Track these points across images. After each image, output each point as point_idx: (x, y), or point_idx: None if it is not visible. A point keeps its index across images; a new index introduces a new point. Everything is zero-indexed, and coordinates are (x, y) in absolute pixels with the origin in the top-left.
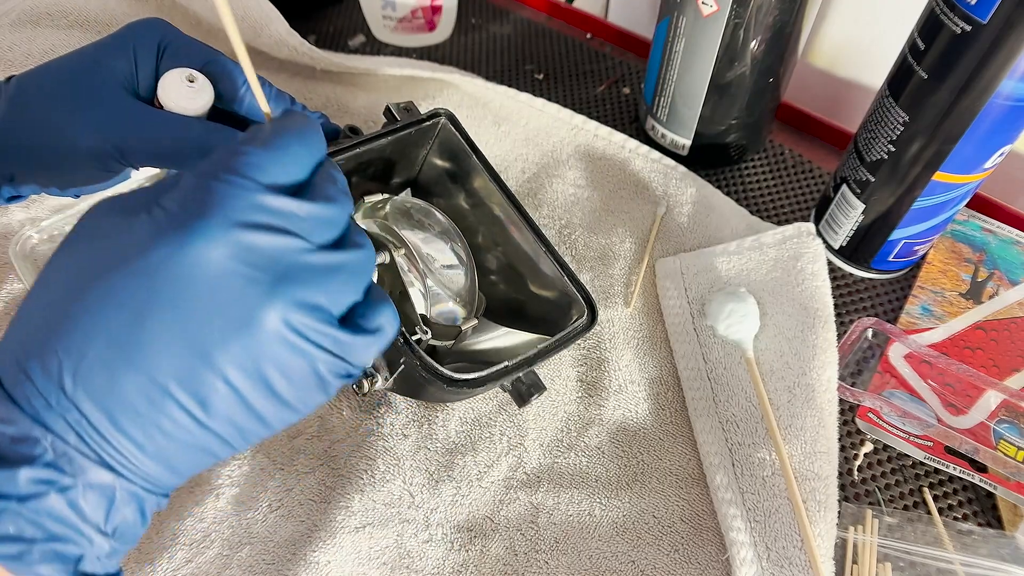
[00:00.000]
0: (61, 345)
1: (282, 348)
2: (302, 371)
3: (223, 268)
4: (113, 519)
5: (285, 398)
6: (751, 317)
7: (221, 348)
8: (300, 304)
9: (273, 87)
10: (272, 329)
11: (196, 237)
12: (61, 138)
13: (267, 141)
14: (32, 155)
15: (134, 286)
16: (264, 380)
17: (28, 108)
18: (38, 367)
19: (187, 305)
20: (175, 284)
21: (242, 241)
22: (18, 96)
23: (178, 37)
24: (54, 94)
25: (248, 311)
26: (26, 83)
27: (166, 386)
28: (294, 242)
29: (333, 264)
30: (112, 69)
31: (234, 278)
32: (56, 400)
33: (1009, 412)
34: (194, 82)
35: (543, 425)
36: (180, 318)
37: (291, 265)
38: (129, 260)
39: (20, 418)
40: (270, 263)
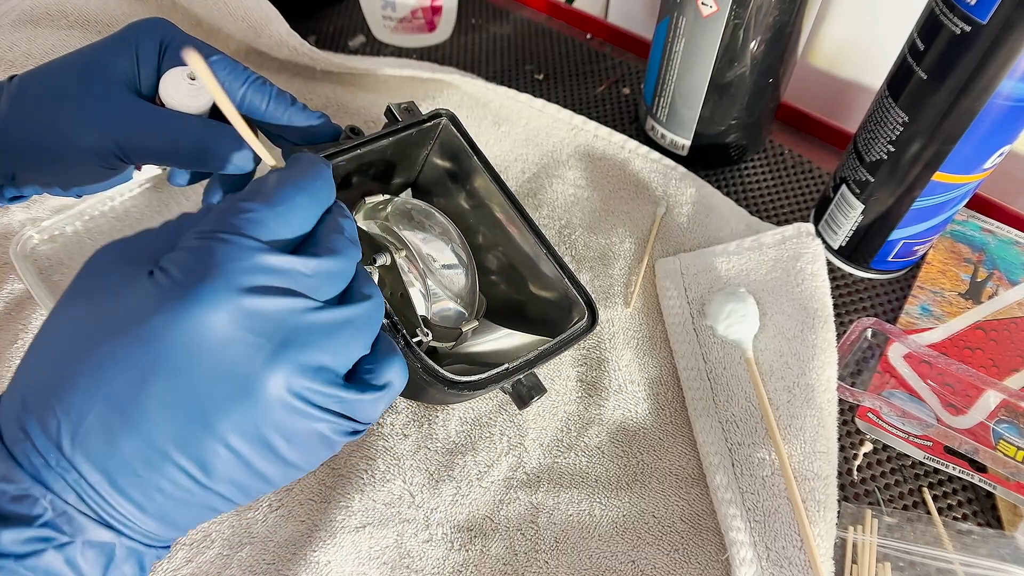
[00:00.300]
0: (61, 405)
1: (285, 414)
2: (306, 434)
3: (224, 335)
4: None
5: (288, 459)
6: (751, 317)
7: (222, 415)
8: (303, 368)
9: (274, 86)
10: (275, 396)
11: (197, 305)
12: (63, 136)
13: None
14: (34, 153)
15: (136, 351)
16: (267, 444)
17: (30, 106)
18: (37, 426)
19: (188, 371)
20: (176, 351)
21: (244, 307)
22: (20, 95)
23: (179, 36)
24: (56, 92)
25: (250, 379)
26: (28, 82)
27: (165, 450)
28: (298, 303)
29: (339, 321)
30: (114, 68)
31: (236, 345)
32: (55, 460)
33: (1008, 412)
34: (195, 80)
35: (543, 425)
36: (181, 384)
37: (294, 328)
38: (131, 325)
39: (20, 476)
40: (273, 328)
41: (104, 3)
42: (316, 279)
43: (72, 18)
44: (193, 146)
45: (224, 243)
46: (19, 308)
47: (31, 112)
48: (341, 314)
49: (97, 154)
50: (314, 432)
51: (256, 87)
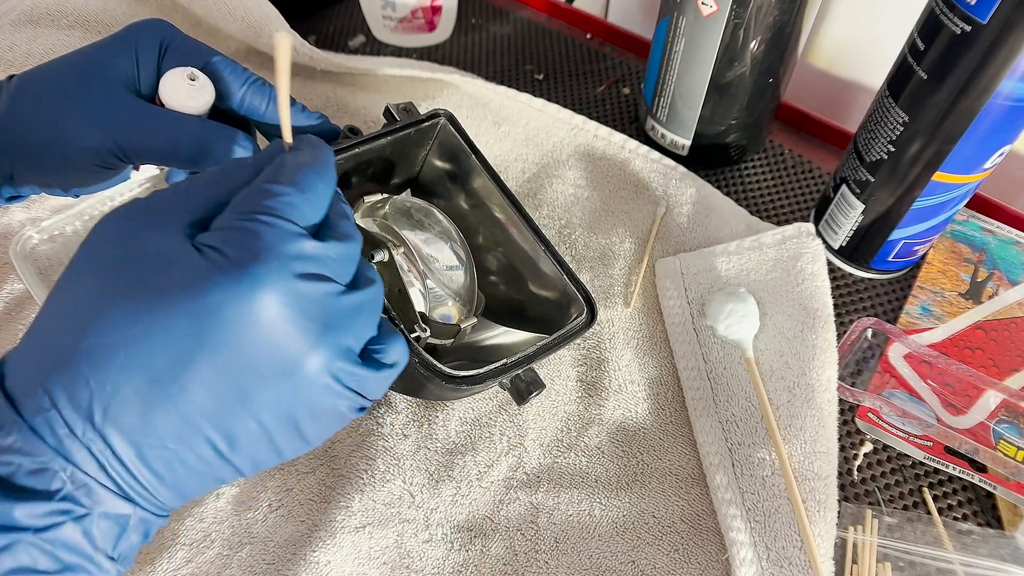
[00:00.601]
0: (95, 375)
1: (318, 392)
2: (328, 410)
3: (277, 316)
4: (122, 545)
5: (306, 434)
6: (751, 317)
7: (262, 393)
8: (340, 349)
9: (273, 87)
10: (314, 376)
11: (254, 284)
12: (62, 136)
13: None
14: (33, 153)
15: (184, 325)
16: (293, 420)
17: (30, 106)
18: (64, 395)
19: (236, 350)
20: (228, 328)
21: (295, 289)
22: (20, 94)
23: (179, 37)
24: (56, 92)
25: (295, 359)
26: (28, 81)
27: (199, 425)
28: (332, 287)
29: (358, 304)
30: (114, 68)
31: (286, 326)
32: (83, 432)
33: (1009, 412)
34: (195, 81)
35: (543, 425)
36: (227, 362)
37: (332, 311)
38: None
39: (40, 449)
40: (317, 311)
41: (104, 3)
42: (339, 264)
43: (72, 18)
44: (193, 146)
45: (270, 226)
46: (19, 308)
47: (30, 112)
48: (359, 297)
49: (96, 154)
50: (335, 409)
51: (256, 88)
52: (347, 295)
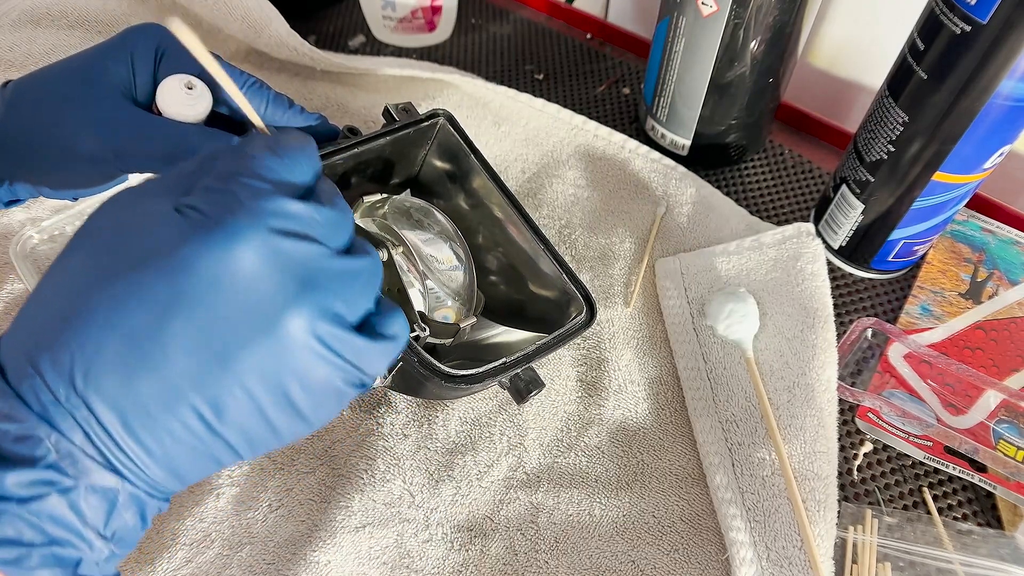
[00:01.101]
0: (75, 340)
1: (304, 356)
2: (320, 380)
3: (252, 271)
4: (113, 523)
5: (300, 408)
6: (751, 317)
7: (243, 353)
8: (324, 311)
9: (271, 89)
10: (296, 336)
11: (228, 238)
12: (60, 144)
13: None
14: (31, 160)
15: (160, 283)
16: (282, 389)
17: (27, 113)
18: (48, 360)
19: (213, 307)
20: (203, 283)
21: (272, 245)
22: (16, 101)
23: (176, 42)
24: (53, 100)
25: (274, 316)
26: (24, 88)
27: (182, 389)
28: (317, 248)
29: (351, 270)
30: (110, 75)
31: (262, 282)
32: (65, 396)
33: (1009, 412)
34: (193, 89)
35: (543, 425)
36: (204, 319)
37: (316, 271)
38: (156, 256)
39: (25, 415)
40: (298, 268)
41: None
42: (328, 227)
43: (72, 18)
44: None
45: (246, 186)
46: (19, 308)
47: (28, 119)
48: (351, 264)
49: (94, 163)
50: (328, 380)
51: (254, 91)
52: (335, 259)
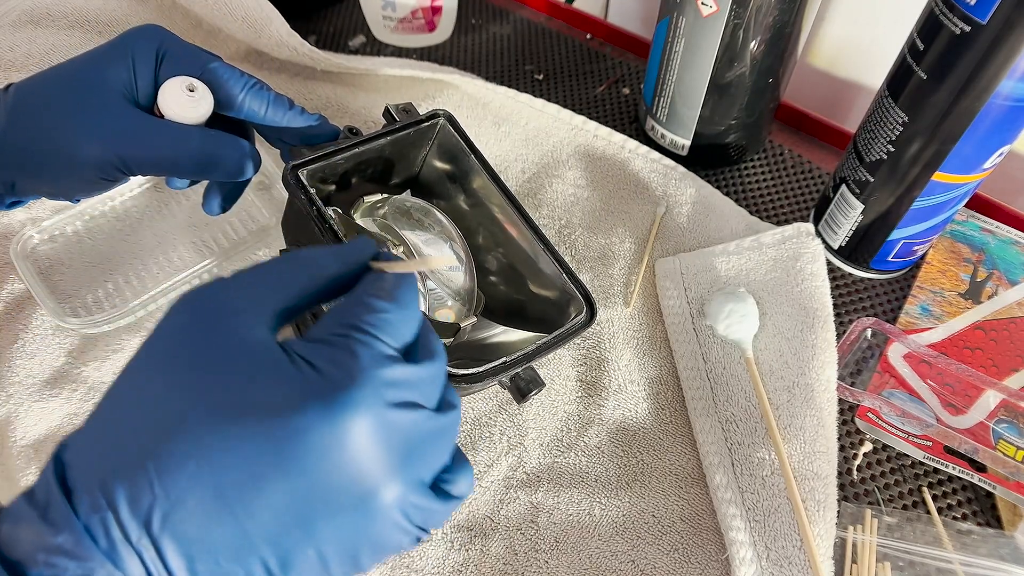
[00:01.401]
0: (160, 481)
1: (385, 526)
2: (390, 545)
3: (362, 444)
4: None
5: (363, 566)
6: (750, 317)
7: (327, 521)
8: (415, 483)
9: (272, 91)
10: (384, 510)
11: (350, 410)
12: (62, 148)
13: (395, 296)
14: (34, 164)
15: (265, 443)
16: (353, 554)
17: (29, 118)
18: (125, 498)
19: (313, 476)
20: (311, 452)
21: (387, 419)
22: (18, 106)
23: (176, 44)
24: (54, 104)
25: (370, 491)
26: (25, 92)
27: (257, 546)
28: (420, 414)
29: (440, 430)
30: (111, 79)
31: (368, 456)
32: (137, 538)
33: (1008, 412)
34: (194, 91)
35: (543, 425)
36: (300, 487)
37: (417, 439)
38: (268, 413)
39: (89, 553)
40: (402, 441)
41: (104, 3)
42: (429, 388)
43: (72, 18)
44: (194, 157)
45: (368, 347)
46: (19, 308)
47: (30, 124)
48: (442, 422)
49: (98, 167)
50: (396, 543)
51: (255, 92)
52: (431, 420)
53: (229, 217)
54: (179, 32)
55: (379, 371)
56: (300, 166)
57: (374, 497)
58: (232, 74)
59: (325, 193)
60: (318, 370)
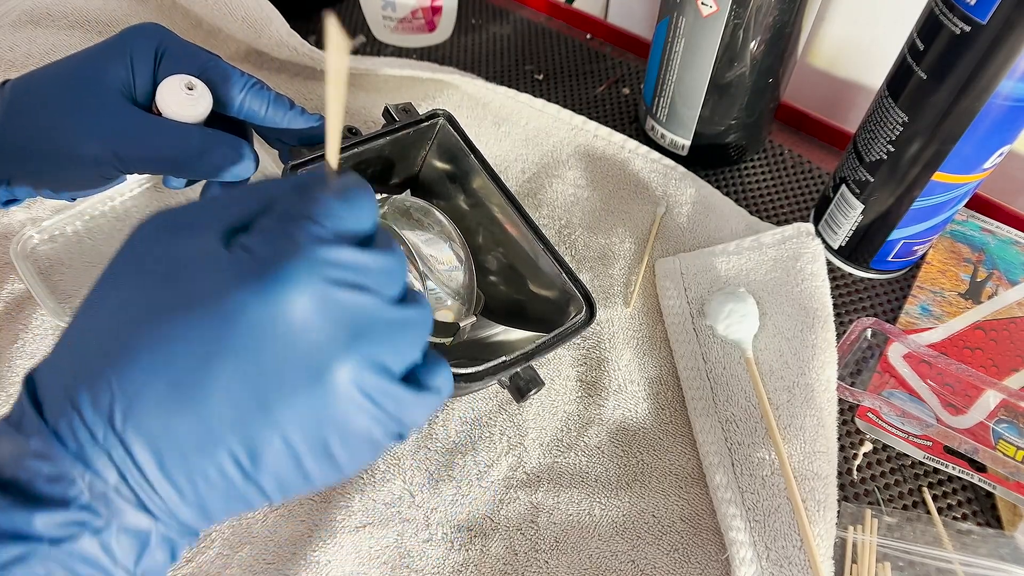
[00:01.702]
0: (117, 379)
1: (347, 407)
2: (360, 432)
3: (303, 320)
4: (144, 562)
5: (336, 458)
6: (750, 317)
7: (285, 402)
8: (372, 364)
9: (272, 91)
10: (341, 388)
11: (283, 285)
12: (60, 145)
13: (339, 192)
14: (30, 161)
15: (208, 327)
16: (321, 439)
17: (26, 115)
18: (88, 398)
19: (260, 353)
20: (252, 330)
21: (327, 294)
22: (15, 102)
23: (175, 42)
24: (52, 101)
25: (321, 367)
26: (23, 89)
27: (221, 434)
28: (371, 298)
29: (401, 320)
30: (110, 76)
31: (313, 332)
32: (103, 436)
33: (1008, 412)
34: (193, 89)
35: (543, 425)
36: (250, 366)
37: (368, 322)
38: (205, 299)
39: (60, 454)
40: (350, 319)
41: (104, 3)
42: (383, 276)
43: (72, 18)
44: (193, 156)
45: (306, 229)
46: (19, 308)
47: (27, 121)
48: (403, 314)
49: (96, 165)
50: (367, 432)
51: (255, 92)
52: (387, 309)
53: None
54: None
55: (316, 249)
56: (299, 166)
57: (324, 373)
58: (232, 73)
59: None
60: (253, 253)
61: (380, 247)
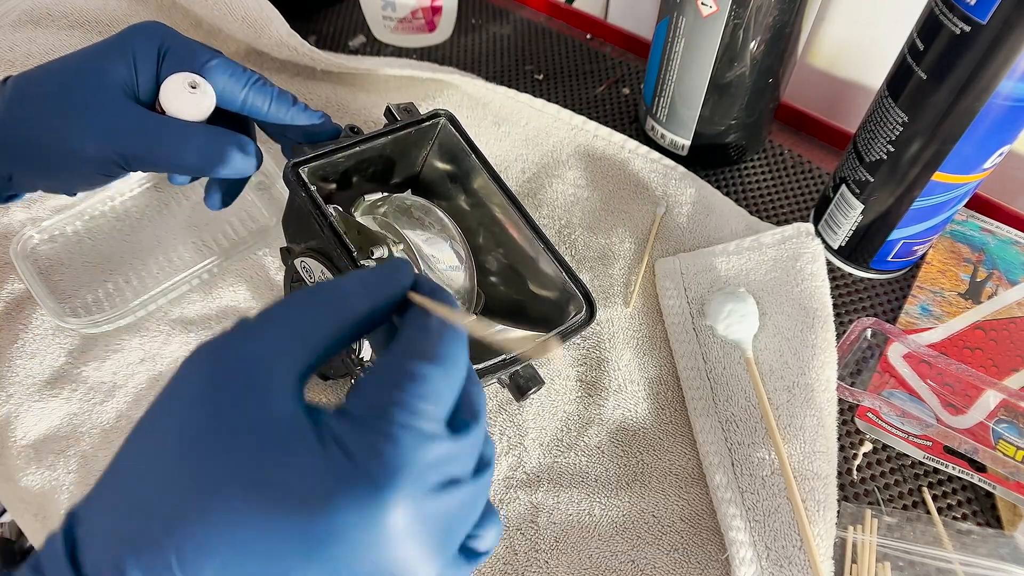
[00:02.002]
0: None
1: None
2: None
3: (399, 537)
4: None
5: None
6: (750, 317)
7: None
8: (453, 559)
9: (275, 87)
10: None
11: (390, 505)
12: (63, 145)
13: (438, 355)
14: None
15: (296, 540)
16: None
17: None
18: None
19: (343, 568)
20: (343, 550)
21: (427, 507)
22: (17, 99)
23: (178, 40)
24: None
25: (405, 572)
26: (24, 86)
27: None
28: (459, 488)
29: (475, 495)
30: (112, 75)
31: (406, 544)
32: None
33: (1008, 412)
34: (196, 88)
35: (543, 425)
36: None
37: (454, 514)
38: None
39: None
40: (442, 524)
41: (104, 3)
42: (469, 456)
43: (72, 18)
44: (196, 155)
45: (408, 429)
46: (19, 308)
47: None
48: (477, 487)
49: (99, 163)
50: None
51: (257, 88)
52: (469, 488)
53: (229, 217)
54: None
55: (421, 456)
56: (301, 163)
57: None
58: (235, 70)
59: (326, 192)
60: (354, 459)
61: (469, 417)
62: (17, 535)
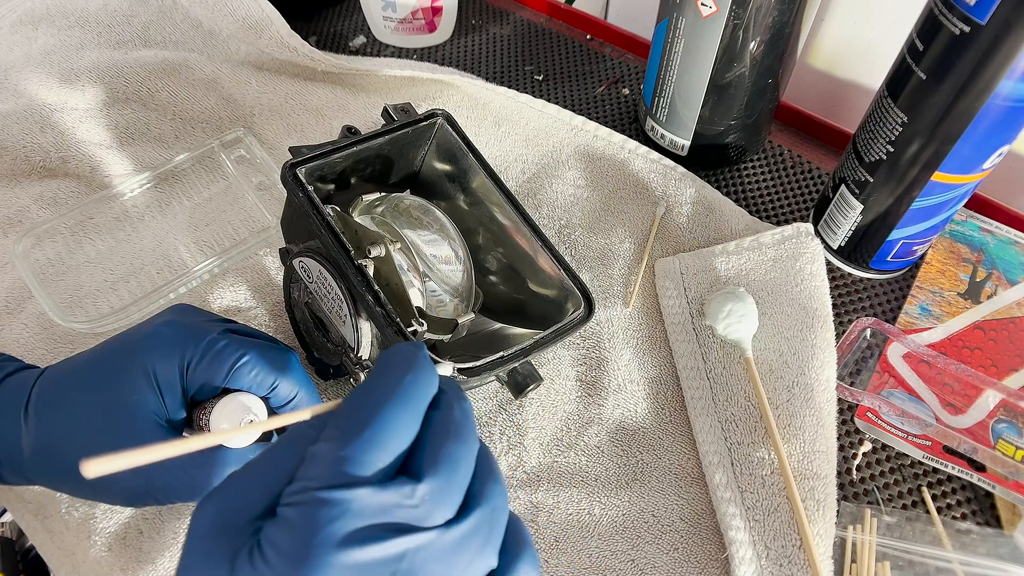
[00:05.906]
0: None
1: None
2: None
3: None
4: None
5: None
6: (750, 317)
7: None
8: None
9: (302, 384)
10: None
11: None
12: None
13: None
14: (59, 476)
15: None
16: None
17: (58, 435)
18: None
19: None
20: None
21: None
22: (44, 409)
23: (198, 348)
24: (86, 436)
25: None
26: (51, 397)
27: None
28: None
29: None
30: (140, 406)
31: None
32: None
33: (1007, 411)
34: (253, 421)
35: (542, 424)
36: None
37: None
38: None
39: None
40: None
41: (104, 3)
42: (424, 506)
43: (72, 18)
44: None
45: (324, 504)
46: (20, 307)
47: (61, 442)
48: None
49: (130, 493)
50: None
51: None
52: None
53: (229, 217)
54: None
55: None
56: (298, 164)
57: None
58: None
59: (324, 192)
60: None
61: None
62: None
